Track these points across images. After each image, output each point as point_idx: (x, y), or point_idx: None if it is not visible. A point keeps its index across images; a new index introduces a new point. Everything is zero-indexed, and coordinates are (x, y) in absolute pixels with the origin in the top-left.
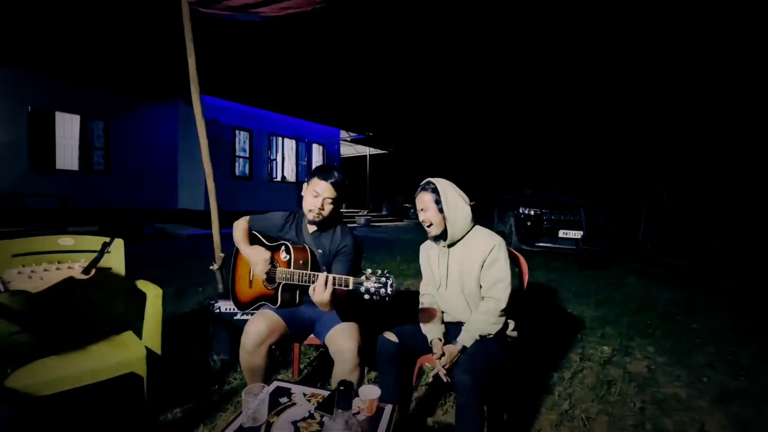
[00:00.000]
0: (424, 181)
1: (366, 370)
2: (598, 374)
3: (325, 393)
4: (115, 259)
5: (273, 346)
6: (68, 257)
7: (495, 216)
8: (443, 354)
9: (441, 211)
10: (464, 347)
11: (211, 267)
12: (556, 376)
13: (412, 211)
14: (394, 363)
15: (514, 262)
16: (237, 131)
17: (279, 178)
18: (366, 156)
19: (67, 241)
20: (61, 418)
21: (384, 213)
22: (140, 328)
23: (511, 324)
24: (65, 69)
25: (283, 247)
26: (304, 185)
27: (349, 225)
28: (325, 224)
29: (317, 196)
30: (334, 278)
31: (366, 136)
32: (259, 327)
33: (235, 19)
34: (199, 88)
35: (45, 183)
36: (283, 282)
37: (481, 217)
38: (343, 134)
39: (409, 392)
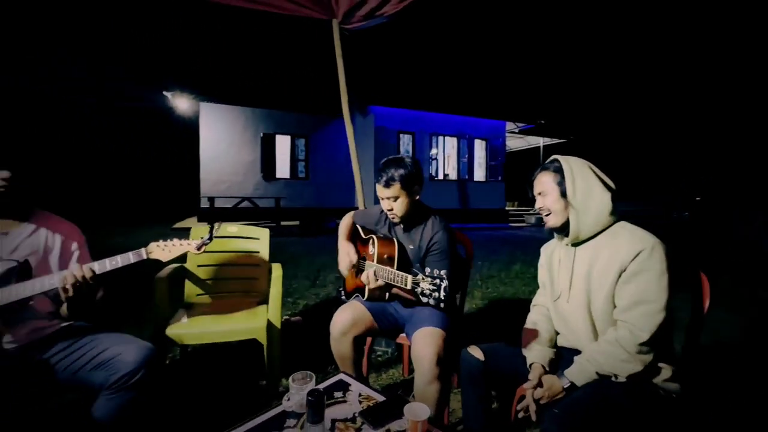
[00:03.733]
0: (548, 159)
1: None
2: None
3: (379, 399)
4: (262, 246)
5: (360, 338)
6: (231, 241)
7: (737, 215)
8: (540, 385)
9: (564, 195)
10: (572, 385)
11: None
12: None
13: None
14: (479, 385)
15: (679, 277)
16: (401, 135)
17: (441, 177)
18: (539, 147)
19: (233, 228)
20: (203, 366)
21: None
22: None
23: (667, 371)
24: (282, 102)
25: (371, 241)
26: None
27: (517, 225)
28: (410, 220)
29: (383, 200)
30: (393, 274)
31: (536, 125)
32: (344, 318)
33: (369, 27)
34: (347, 98)
35: (269, 188)
36: None
37: (712, 218)
38: (510, 126)
39: (508, 426)
